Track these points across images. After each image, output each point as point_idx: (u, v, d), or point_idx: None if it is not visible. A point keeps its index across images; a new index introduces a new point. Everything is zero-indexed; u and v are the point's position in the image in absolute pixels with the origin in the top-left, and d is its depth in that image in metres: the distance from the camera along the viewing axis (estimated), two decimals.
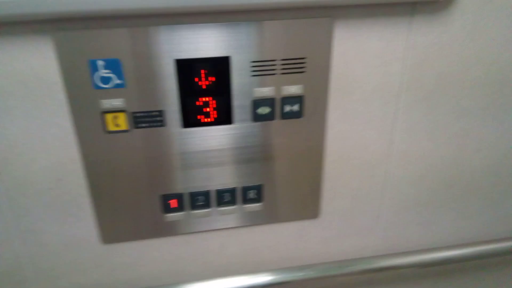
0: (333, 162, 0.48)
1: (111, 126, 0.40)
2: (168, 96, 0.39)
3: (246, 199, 0.48)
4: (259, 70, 0.40)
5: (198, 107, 0.40)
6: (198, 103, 0.40)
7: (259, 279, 0.51)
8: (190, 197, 0.46)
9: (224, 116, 0.42)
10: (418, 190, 0.53)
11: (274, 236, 0.53)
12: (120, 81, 0.37)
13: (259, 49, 0.39)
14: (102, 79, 0.37)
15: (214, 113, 0.41)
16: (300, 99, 0.42)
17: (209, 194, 0.47)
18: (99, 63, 0.36)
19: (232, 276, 0.50)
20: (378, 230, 0.56)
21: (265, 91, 0.41)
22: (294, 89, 0.41)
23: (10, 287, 0.48)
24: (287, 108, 0.43)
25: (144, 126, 0.40)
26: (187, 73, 0.38)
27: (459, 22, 0.42)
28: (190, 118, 0.41)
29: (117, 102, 0.38)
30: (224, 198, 0.47)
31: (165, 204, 0.46)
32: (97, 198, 0.44)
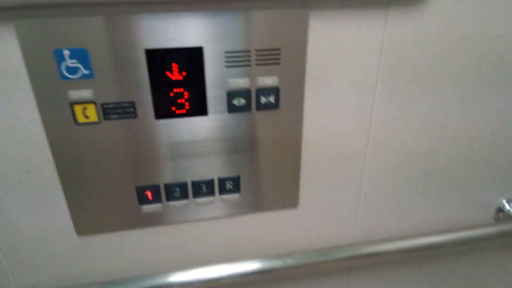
0: (310, 152, 0.48)
1: (81, 118, 0.38)
2: (139, 87, 0.38)
3: (223, 190, 0.48)
4: (233, 61, 0.39)
5: (171, 98, 0.40)
6: (171, 94, 0.39)
7: (240, 268, 0.51)
8: (166, 188, 0.46)
9: (198, 107, 0.41)
10: (396, 180, 0.54)
11: (254, 225, 0.53)
12: (87, 71, 0.36)
13: (233, 39, 0.38)
14: (68, 69, 0.35)
15: (188, 104, 0.40)
16: (275, 91, 0.42)
17: (186, 186, 0.46)
18: (65, 53, 0.35)
19: (212, 265, 0.51)
20: (357, 219, 0.56)
21: (240, 82, 0.40)
22: (269, 80, 0.41)
23: None
24: (263, 99, 0.42)
25: (114, 117, 0.39)
26: (158, 63, 0.37)
27: (436, 14, 0.42)
28: (163, 109, 0.40)
29: (85, 93, 0.37)
30: (201, 189, 0.47)
31: (141, 196, 0.45)
32: (69, 190, 0.43)
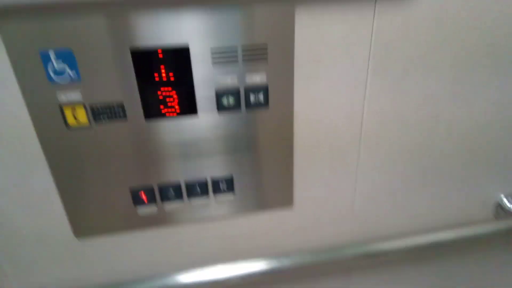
0: (303, 151, 0.48)
1: (71, 120, 0.39)
2: (126, 87, 0.38)
3: (217, 190, 0.48)
4: (220, 57, 0.39)
5: (160, 99, 0.40)
6: (160, 94, 0.39)
7: (237, 269, 0.51)
8: (160, 189, 0.46)
9: (188, 107, 0.41)
10: (391, 176, 0.53)
11: (250, 225, 0.53)
12: (74, 72, 0.36)
13: (219, 35, 0.38)
14: (55, 71, 0.36)
15: (176, 104, 0.40)
16: (264, 88, 0.42)
17: (179, 187, 0.46)
18: (51, 54, 0.35)
19: (209, 266, 0.50)
20: (353, 217, 0.56)
21: (228, 80, 0.40)
22: (257, 78, 0.41)
23: None
24: (252, 98, 0.42)
25: (104, 118, 0.39)
26: (144, 63, 0.37)
27: (425, 6, 0.41)
28: (152, 109, 0.40)
29: (73, 95, 0.37)
30: (195, 190, 0.47)
31: (135, 197, 0.45)
32: (64, 193, 0.43)
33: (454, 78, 0.47)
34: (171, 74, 0.39)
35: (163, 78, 0.39)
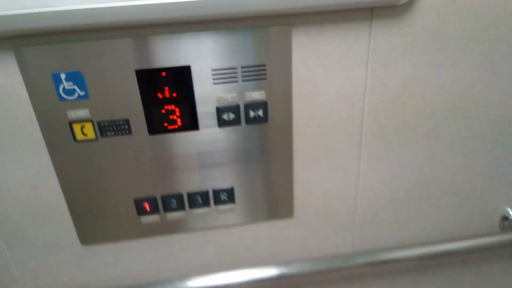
0: (303, 164, 0.49)
1: (80, 136, 0.41)
2: (132, 105, 0.40)
3: (219, 201, 0.49)
4: (221, 78, 0.41)
5: (163, 115, 0.42)
6: (163, 111, 0.41)
7: (237, 277, 0.52)
8: (163, 200, 0.48)
9: (190, 122, 0.43)
10: (393, 189, 0.54)
11: (251, 235, 0.54)
12: (83, 92, 0.38)
13: (219, 57, 0.40)
14: (66, 91, 0.38)
15: (179, 120, 0.42)
16: (263, 105, 0.43)
17: (182, 197, 0.48)
18: (62, 76, 0.37)
19: (210, 274, 0.52)
20: (355, 229, 0.56)
21: (228, 98, 0.42)
22: (256, 95, 0.42)
23: (1, 286, 0.51)
24: (252, 113, 0.43)
25: (110, 134, 0.41)
26: (149, 83, 0.39)
27: (421, 25, 0.42)
28: (156, 125, 0.42)
29: (82, 112, 0.39)
30: (197, 200, 0.49)
31: (139, 207, 0.47)
32: (72, 202, 0.45)
33: (453, 95, 0.47)
34: (174, 93, 0.41)
35: (166, 96, 0.41)
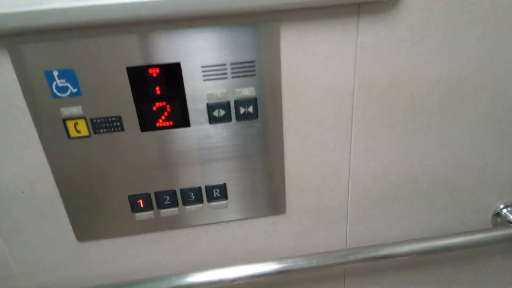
0: (294, 160, 0.50)
1: (73, 132, 0.42)
2: (124, 102, 0.41)
3: (211, 198, 0.50)
4: (210, 74, 0.41)
5: (155, 112, 0.42)
6: (154, 108, 0.42)
7: (231, 273, 0.53)
8: (156, 197, 0.48)
9: (181, 119, 0.44)
10: (384, 186, 0.54)
11: (243, 231, 0.55)
12: (75, 89, 0.39)
13: (208, 54, 0.40)
14: (59, 89, 0.39)
15: (170, 117, 0.43)
16: (253, 101, 0.44)
17: (175, 194, 0.49)
18: (54, 74, 0.38)
19: (204, 270, 0.53)
20: (346, 225, 0.57)
21: (218, 95, 0.43)
22: (246, 91, 0.43)
23: (0, 282, 0.52)
24: (242, 110, 0.44)
25: (103, 131, 0.42)
26: (140, 80, 0.40)
27: (407, 22, 0.43)
28: (147, 122, 0.43)
29: (75, 109, 0.40)
30: (189, 197, 0.49)
31: (133, 204, 0.48)
32: (67, 199, 0.46)
33: (441, 91, 0.48)
34: (165, 90, 0.41)
35: (157, 93, 0.41)
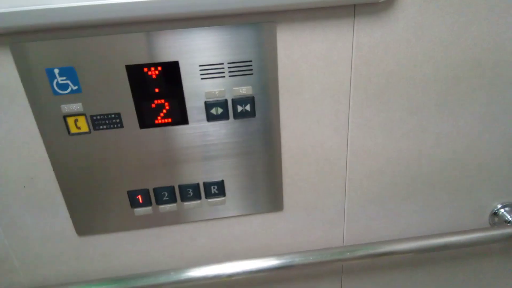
0: (291, 158, 0.50)
1: (73, 129, 0.43)
2: (123, 99, 0.42)
3: (209, 194, 0.51)
4: (208, 73, 0.42)
5: (153, 109, 0.43)
6: (153, 105, 0.43)
7: (228, 269, 0.53)
8: (155, 192, 0.49)
9: (179, 117, 0.44)
10: (381, 184, 0.55)
11: (241, 228, 0.55)
12: (76, 87, 0.40)
13: (206, 53, 0.41)
14: (59, 86, 0.40)
15: (169, 114, 0.44)
16: (251, 100, 0.44)
17: (173, 190, 0.50)
18: (55, 71, 0.39)
19: (202, 265, 0.53)
20: (344, 223, 0.58)
21: (216, 93, 0.43)
22: (244, 90, 0.44)
23: (0, 275, 0.53)
24: (239, 108, 0.45)
25: (103, 128, 0.43)
26: (139, 78, 0.41)
27: (403, 22, 0.43)
28: (146, 119, 0.44)
29: (75, 106, 0.41)
30: (188, 193, 0.50)
31: (132, 199, 0.49)
32: (67, 194, 0.47)
33: (438, 91, 0.48)
34: (163, 88, 0.42)
35: (156, 91, 0.42)
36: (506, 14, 0.45)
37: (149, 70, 0.41)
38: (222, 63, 0.42)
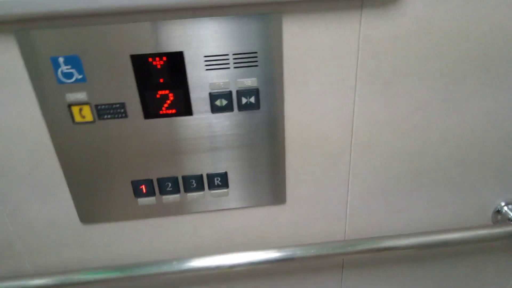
0: (294, 151, 0.50)
1: (78, 118, 0.43)
2: (128, 89, 0.42)
3: (212, 186, 0.51)
4: (213, 64, 0.42)
5: (158, 100, 0.43)
6: (158, 96, 0.43)
7: (230, 260, 0.54)
8: (158, 183, 0.49)
9: (183, 108, 0.44)
10: (384, 179, 0.55)
11: (243, 220, 0.56)
12: (80, 76, 0.40)
13: (211, 44, 0.41)
14: (64, 75, 0.40)
15: (173, 105, 0.44)
16: (255, 91, 0.44)
17: (177, 180, 0.50)
18: (60, 60, 0.39)
19: (204, 256, 0.54)
20: (346, 217, 0.58)
21: (220, 84, 0.43)
22: (248, 82, 0.43)
23: (5, 262, 0.54)
24: (244, 100, 0.45)
25: (107, 117, 0.43)
26: (144, 68, 0.41)
27: (412, 15, 0.42)
28: (150, 109, 0.44)
29: (80, 95, 0.41)
30: (191, 184, 0.50)
31: (136, 189, 0.49)
32: (71, 182, 0.48)
33: (444, 86, 0.48)
34: (168, 78, 0.42)
35: (160, 81, 0.42)
36: None
37: (154, 60, 0.41)
38: (227, 54, 0.41)
